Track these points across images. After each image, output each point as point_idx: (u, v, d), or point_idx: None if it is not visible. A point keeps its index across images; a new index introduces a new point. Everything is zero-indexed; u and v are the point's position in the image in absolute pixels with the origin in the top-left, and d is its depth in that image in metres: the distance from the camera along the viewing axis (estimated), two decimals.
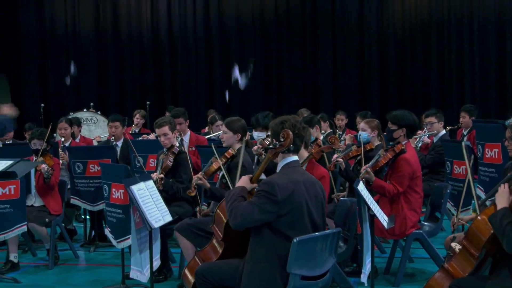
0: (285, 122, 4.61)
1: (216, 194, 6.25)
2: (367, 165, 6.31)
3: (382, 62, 15.63)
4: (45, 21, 17.35)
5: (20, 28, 17.39)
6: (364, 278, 5.44)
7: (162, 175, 6.74)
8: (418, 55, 15.52)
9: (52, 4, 17.32)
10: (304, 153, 5.96)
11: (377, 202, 5.90)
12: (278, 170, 4.64)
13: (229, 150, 6.40)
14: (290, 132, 4.50)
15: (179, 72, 16.59)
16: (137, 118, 11.73)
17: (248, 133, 8.32)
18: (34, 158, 7.65)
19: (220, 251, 4.77)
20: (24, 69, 17.42)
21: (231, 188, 6.03)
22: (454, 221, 5.21)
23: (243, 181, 4.69)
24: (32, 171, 7.55)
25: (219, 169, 6.37)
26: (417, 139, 9.16)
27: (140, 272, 5.77)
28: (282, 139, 4.51)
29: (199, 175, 6.30)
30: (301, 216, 4.42)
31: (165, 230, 6.52)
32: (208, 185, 6.29)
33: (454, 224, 5.20)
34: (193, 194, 6.39)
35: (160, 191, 6.25)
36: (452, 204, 7.52)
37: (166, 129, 7.03)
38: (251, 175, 4.76)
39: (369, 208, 5.39)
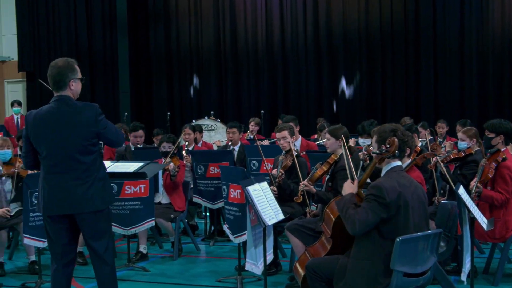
0: (397, 131, 4.55)
1: (323, 197, 6.21)
2: (475, 179, 6.16)
3: (482, 73, 15.07)
4: (172, 39, 17.73)
5: (150, 45, 17.88)
6: (464, 276, 5.31)
7: (282, 171, 6.77)
8: None
9: (178, 24, 17.67)
10: (406, 160, 5.83)
11: (477, 205, 5.73)
12: (382, 174, 4.57)
13: (332, 156, 6.35)
14: (396, 139, 4.43)
15: (290, 83, 16.57)
16: (252, 125, 11.78)
17: (353, 139, 8.25)
18: (163, 160, 7.84)
19: (329, 247, 4.75)
20: (154, 81, 17.89)
21: (339, 190, 6.00)
22: None
23: (348, 187, 4.63)
24: (160, 172, 7.73)
25: (323, 174, 6.33)
26: None
27: (254, 265, 5.78)
28: (388, 146, 4.44)
29: (305, 182, 6.30)
30: (407, 217, 4.33)
31: (277, 227, 6.53)
32: (314, 190, 6.27)
33: None
34: (299, 200, 6.38)
35: (278, 187, 6.28)
36: None
37: (285, 133, 7.03)
38: (350, 181, 4.71)
39: (469, 211, 5.25)
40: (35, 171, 6.95)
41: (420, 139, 8.15)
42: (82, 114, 4.76)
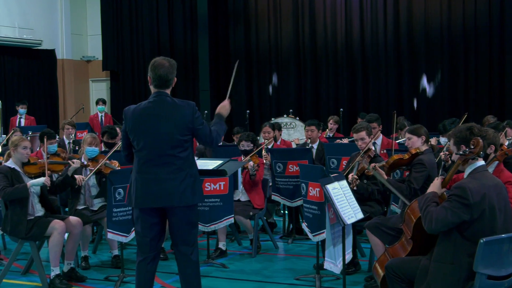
0: (473, 128, 4.43)
1: (393, 186, 6.13)
2: None
3: None
4: (251, 38, 17.80)
5: (230, 44, 18.03)
6: None
7: (356, 177, 6.69)
8: None
9: (257, 23, 17.74)
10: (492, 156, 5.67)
11: None
12: (465, 175, 4.45)
13: (414, 149, 6.26)
14: (480, 140, 4.31)
15: (370, 81, 16.36)
16: (331, 123, 11.70)
17: (435, 138, 8.07)
18: (242, 158, 7.88)
19: (409, 249, 4.67)
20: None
21: (413, 183, 5.95)
22: None
23: (434, 186, 4.54)
24: (239, 169, 7.77)
25: (400, 160, 6.24)
26: None
27: (333, 263, 5.74)
28: (472, 147, 4.33)
29: (379, 164, 6.25)
30: (492, 219, 4.21)
31: (356, 226, 6.46)
32: (385, 176, 6.18)
33: None
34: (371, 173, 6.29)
35: (354, 191, 6.20)
36: None
37: (363, 134, 6.97)
38: (441, 180, 4.61)
39: None
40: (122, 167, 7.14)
41: (508, 138, 7.91)
42: (181, 110, 4.92)
